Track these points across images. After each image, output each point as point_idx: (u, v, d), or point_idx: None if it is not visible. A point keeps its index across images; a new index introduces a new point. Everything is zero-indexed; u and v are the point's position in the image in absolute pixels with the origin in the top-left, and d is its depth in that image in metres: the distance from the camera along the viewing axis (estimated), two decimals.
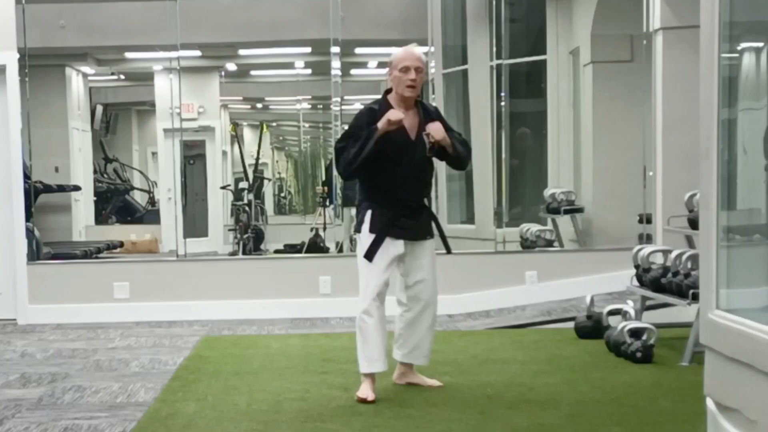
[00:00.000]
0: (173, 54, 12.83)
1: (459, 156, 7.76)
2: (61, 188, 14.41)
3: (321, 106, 16.81)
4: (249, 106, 17.69)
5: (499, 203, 13.25)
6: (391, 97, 7.63)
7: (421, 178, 7.80)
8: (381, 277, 7.48)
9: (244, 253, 14.88)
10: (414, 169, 7.64)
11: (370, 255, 7.46)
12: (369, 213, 7.54)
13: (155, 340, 10.64)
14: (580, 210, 13.31)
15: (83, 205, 15.34)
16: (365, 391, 7.37)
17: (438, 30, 14.92)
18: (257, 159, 16.92)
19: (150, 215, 16.18)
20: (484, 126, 13.60)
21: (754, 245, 6.14)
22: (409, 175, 7.61)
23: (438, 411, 7.02)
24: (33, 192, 12.47)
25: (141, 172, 16.90)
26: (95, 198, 15.97)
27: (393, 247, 7.52)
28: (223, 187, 15.96)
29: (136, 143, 17.04)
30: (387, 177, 7.56)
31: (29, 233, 12.14)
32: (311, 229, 14.92)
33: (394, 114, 7.36)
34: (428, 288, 7.74)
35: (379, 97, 7.76)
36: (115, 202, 16.59)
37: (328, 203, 14.74)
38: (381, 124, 7.33)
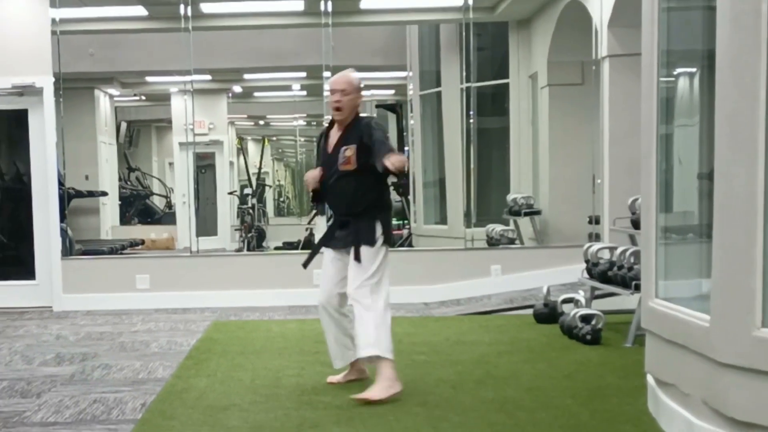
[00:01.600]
0: (187, 78, 12.79)
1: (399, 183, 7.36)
2: (91, 194, 14.42)
3: (315, 123, 16.80)
4: (253, 123, 17.69)
5: (468, 206, 13.24)
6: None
7: (344, 191, 6.99)
8: (326, 284, 7.27)
9: (248, 249, 14.87)
10: (335, 184, 7.02)
11: (305, 263, 7.33)
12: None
13: (172, 324, 10.62)
14: (538, 212, 13.31)
15: (110, 208, 15.35)
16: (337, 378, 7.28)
17: (415, 57, 14.99)
18: (260, 168, 16.93)
19: (167, 217, 16.18)
20: (455, 140, 13.60)
21: (688, 243, 6.16)
22: (333, 190, 7.08)
23: (415, 386, 7.01)
24: (66, 197, 12.45)
25: (159, 180, 16.89)
26: (120, 202, 15.99)
27: (328, 256, 7.20)
28: (230, 193, 15.96)
29: (155, 155, 17.05)
30: (326, 192, 7.19)
31: (63, 232, 12.11)
32: (306, 229, 14.90)
33: (311, 179, 7.15)
34: (350, 287, 6.89)
35: (365, 116, 7.45)
36: (137, 206, 16.59)
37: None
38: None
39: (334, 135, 7.09)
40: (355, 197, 6.93)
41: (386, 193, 7.27)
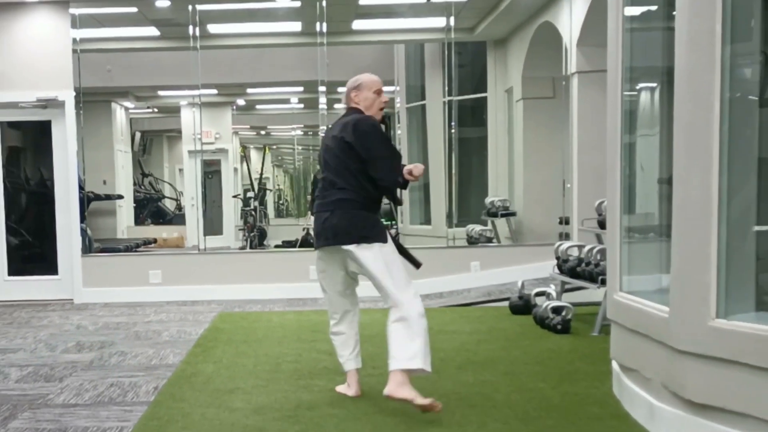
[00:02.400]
0: (195, 92, 12.79)
1: None
2: (108, 197, 14.40)
3: (311, 133, 16.79)
4: (255, 133, 17.64)
5: (450, 208, 13.24)
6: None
7: None
8: None
9: (251, 247, 14.84)
10: None
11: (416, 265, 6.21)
12: (380, 224, 6.04)
13: (181, 315, 10.60)
14: (513, 214, 13.31)
15: (125, 210, 15.31)
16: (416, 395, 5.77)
17: (402, 73, 14.98)
18: (261, 174, 16.90)
19: (177, 218, 16.15)
20: (438, 149, 13.59)
21: (649, 242, 6.17)
22: None
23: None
24: (86, 200, 12.43)
25: (170, 185, 16.85)
26: (134, 204, 15.95)
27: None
28: (235, 196, 15.92)
29: (166, 161, 17.01)
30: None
31: (83, 232, 12.10)
32: (303, 229, 14.86)
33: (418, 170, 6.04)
34: None
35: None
36: (150, 208, 16.56)
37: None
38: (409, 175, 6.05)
39: None
40: None
41: None
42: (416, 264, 6.19)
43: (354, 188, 5.98)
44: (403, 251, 6.18)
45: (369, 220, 5.98)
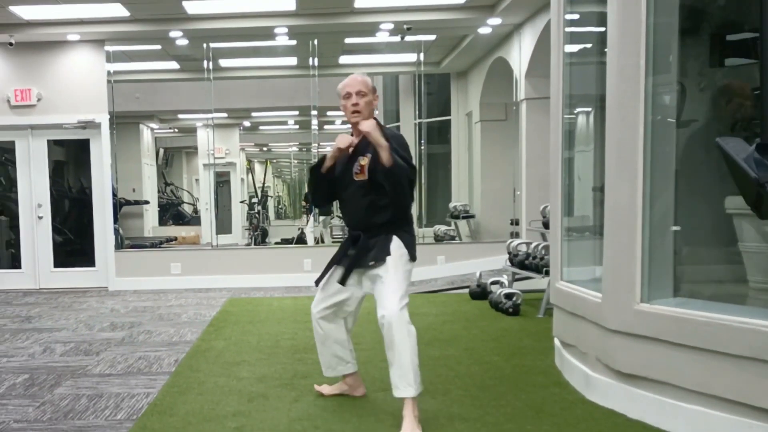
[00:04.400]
0: (209, 115, 12.74)
1: (392, 170, 4.61)
2: (137, 202, 14.38)
3: (305, 149, 16.75)
4: (258, 149, 17.61)
5: (420, 212, 13.23)
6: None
7: (357, 203, 4.88)
8: (320, 295, 5.23)
9: (255, 244, 14.80)
10: (353, 194, 4.90)
11: (317, 281, 5.18)
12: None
13: (197, 300, 10.55)
14: (472, 216, 13.32)
15: (151, 213, 15.28)
16: None
17: (381, 99, 14.95)
18: (263, 183, 16.87)
19: (194, 219, 16.12)
20: None
21: (585, 239, 6.16)
22: (349, 201, 4.95)
23: (380, 347, 6.93)
24: (118, 204, 12.38)
25: (188, 192, 16.81)
26: (158, 208, 15.92)
27: (337, 273, 5.09)
28: (242, 202, 15.89)
29: (185, 173, 16.97)
30: (342, 204, 5.10)
31: (116, 231, 12.05)
32: (298, 229, 14.85)
33: (342, 140, 4.88)
34: (386, 308, 5.04)
35: (388, 127, 5.29)
36: (172, 211, 16.52)
37: (309, 212, 14.64)
38: (330, 151, 4.95)
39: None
40: (368, 211, 4.85)
41: (407, 208, 4.92)
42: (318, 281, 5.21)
43: None
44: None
45: None
